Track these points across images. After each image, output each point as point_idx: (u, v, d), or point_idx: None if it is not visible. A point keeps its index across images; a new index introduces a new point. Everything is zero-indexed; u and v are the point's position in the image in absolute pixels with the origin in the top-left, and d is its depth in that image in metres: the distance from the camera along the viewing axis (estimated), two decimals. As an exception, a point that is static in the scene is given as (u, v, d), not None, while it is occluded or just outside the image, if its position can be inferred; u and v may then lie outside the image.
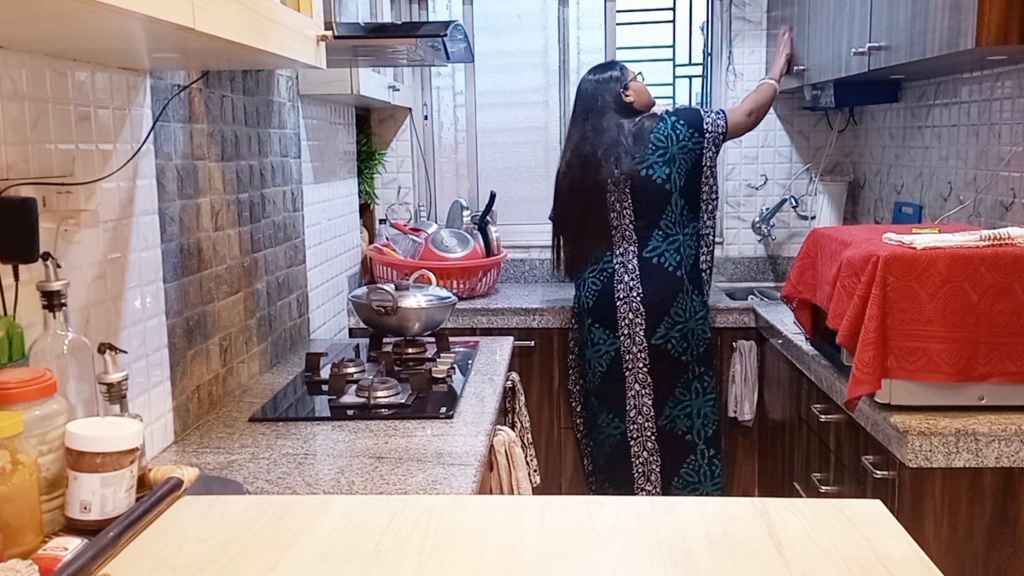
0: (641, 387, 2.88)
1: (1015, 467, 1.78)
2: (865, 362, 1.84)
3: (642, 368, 2.87)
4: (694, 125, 2.88)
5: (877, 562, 1.04)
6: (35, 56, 1.34)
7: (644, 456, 2.90)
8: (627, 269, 2.86)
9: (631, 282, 2.85)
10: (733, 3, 3.59)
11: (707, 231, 2.94)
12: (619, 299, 2.86)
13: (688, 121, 2.88)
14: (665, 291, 2.84)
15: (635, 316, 2.85)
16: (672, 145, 2.84)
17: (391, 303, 2.32)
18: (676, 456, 2.91)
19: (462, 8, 3.76)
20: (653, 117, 2.91)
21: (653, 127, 2.87)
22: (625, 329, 2.86)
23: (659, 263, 2.85)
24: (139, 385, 1.65)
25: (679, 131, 2.85)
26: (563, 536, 1.12)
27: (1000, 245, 1.85)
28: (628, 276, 2.86)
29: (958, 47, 1.93)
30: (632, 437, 2.90)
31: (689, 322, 2.86)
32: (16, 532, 1.07)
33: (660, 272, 2.85)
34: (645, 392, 2.88)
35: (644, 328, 2.85)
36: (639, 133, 2.87)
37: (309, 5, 1.60)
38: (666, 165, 2.84)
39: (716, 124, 2.90)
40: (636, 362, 2.87)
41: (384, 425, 1.84)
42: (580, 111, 2.98)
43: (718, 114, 2.92)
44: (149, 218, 1.70)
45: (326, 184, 2.93)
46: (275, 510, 1.22)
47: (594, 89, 2.96)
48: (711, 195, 2.93)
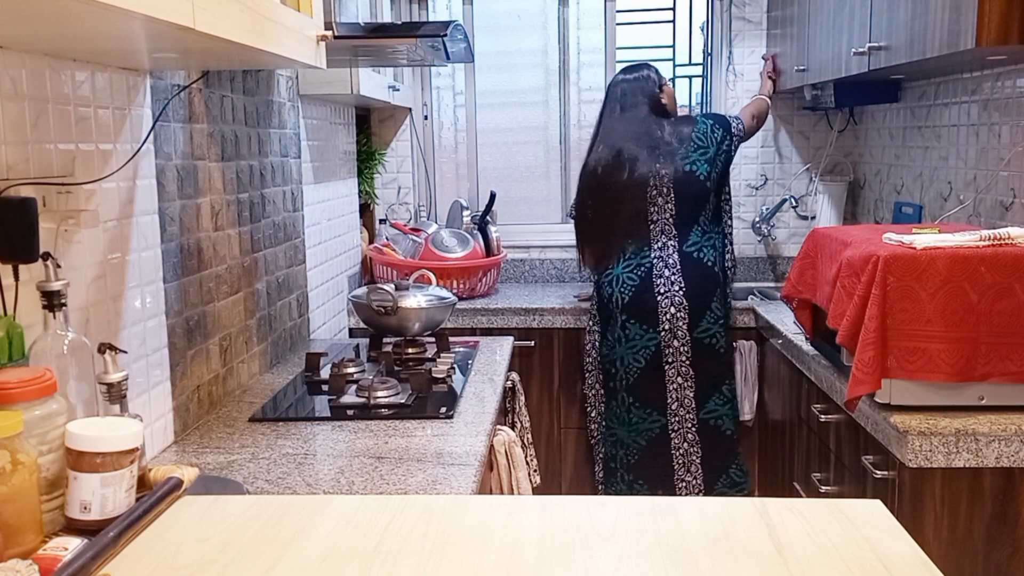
0: (684, 380, 2.89)
1: (1015, 467, 1.78)
2: (865, 362, 1.84)
3: (684, 362, 2.88)
4: (725, 128, 2.99)
5: (877, 562, 1.04)
6: (35, 56, 1.34)
7: (684, 448, 2.91)
8: (667, 264, 2.89)
9: (672, 276, 2.87)
10: (733, 3, 3.59)
11: (729, 230, 3.02)
12: (660, 293, 2.87)
13: (720, 124, 2.99)
14: (706, 285, 2.88)
15: (677, 310, 2.86)
16: (711, 146, 2.93)
17: (391, 303, 2.32)
18: (721, 454, 2.93)
19: (462, 8, 3.76)
20: (690, 120, 3.01)
21: (694, 128, 2.96)
22: (667, 324, 2.87)
23: (699, 258, 2.89)
24: (139, 385, 1.65)
25: (716, 133, 2.95)
26: (563, 536, 1.12)
27: (1000, 245, 1.85)
28: (668, 271, 2.88)
29: (958, 47, 1.93)
30: (673, 429, 2.91)
31: (727, 318, 2.93)
32: (16, 532, 1.07)
33: (701, 267, 2.88)
34: (687, 384, 2.89)
35: (687, 322, 2.86)
36: (681, 131, 2.95)
37: (309, 5, 1.60)
38: (707, 164, 2.91)
39: (739, 128, 3.02)
40: (678, 355, 2.88)
41: (384, 425, 1.84)
42: (614, 108, 3.02)
43: (736, 119, 3.04)
44: (149, 218, 1.70)
45: (326, 184, 2.93)
46: (275, 510, 1.22)
47: (630, 88, 3.02)
48: (729, 196, 3.03)
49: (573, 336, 3.20)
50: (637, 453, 2.96)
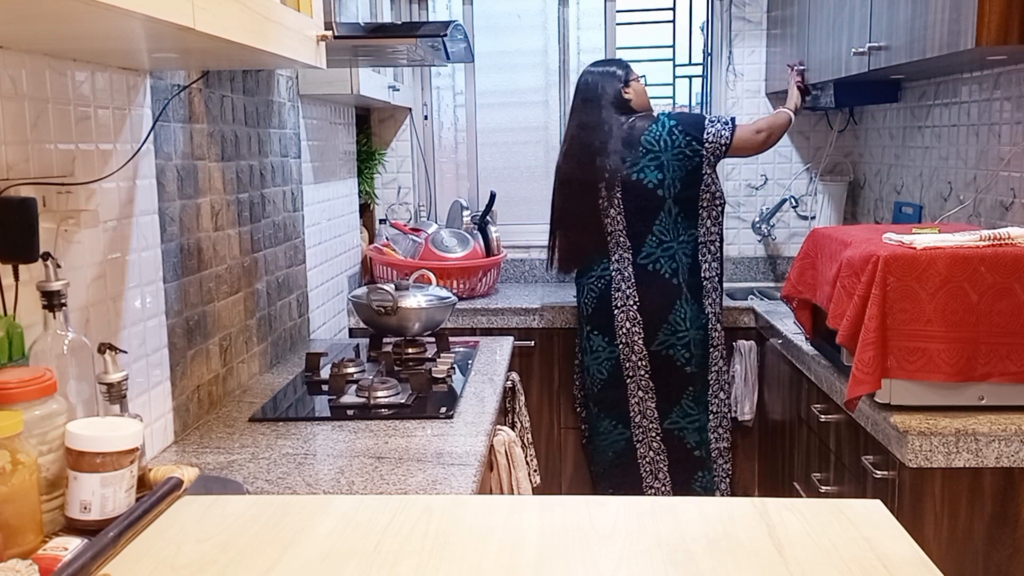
0: (644, 393, 2.86)
1: (1015, 467, 1.78)
2: (865, 362, 1.84)
3: (643, 375, 2.85)
4: (693, 133, 2.79)
5: (877, 562, 1.04)
6: (35, 56, 1.34)
7: (651, 456, 2.89)
8: (623, 276, 2.83)
9: (628, 290, 2.82)
10: (733, 3, 3.59)
11: (710, 238, 2.85)
12: (616, 307, 2.83)
13: (687, 128, 2.79)
14: (662, 299, 2.80)
15: (632, 324, 2.82)
16: (665, 151, 2.76)
17: (391, 303, 2.32)
18: (685, 467, 2.89)
19: (462, 8, 3.76)
20: (647, 118, 2.84)
21: (645, 128, 2.79)
22: (623, 338, 2.84)
23: (654, 270, 2.81)
24: (139, 385, 1.65)
25: (675, 137, 2.77)
26: (563, 536, 1.12)
27: (1000, 245, 1.85)
28: (625, 284, 2.82)
29: (958, 47, 1.93)
30: (637, 440, 2.89)
31: (690, 331, 2.83)
32: (16, 532, 1.07)
33: (656, 279, 2.80)
34: (648, 397, 2.86)
35: (643, 337, 2.82)
36: (630, 133, 2.80)
37: (309, 5, 1.60)
38: (658, 170, 2.76)
39: (719, 135, 2.80)
40: (637, 370, 2.85)
41: (384, 425, 1.84)
42: (578, 102, 2.93)
43: (725, 124, 2.82)
44: (149, 218, 1.70)
45: (326, 184, 2.93)
46: (275, 510, 1.22)
47: (594, 80, 2.90)
48: (713, 202, 2.84)
49: (573, 336, 3.20)
50: (607, 462, 2.97)
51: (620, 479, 2.95)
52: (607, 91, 2.87)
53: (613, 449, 2.93)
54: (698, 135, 2.78)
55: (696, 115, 2.91)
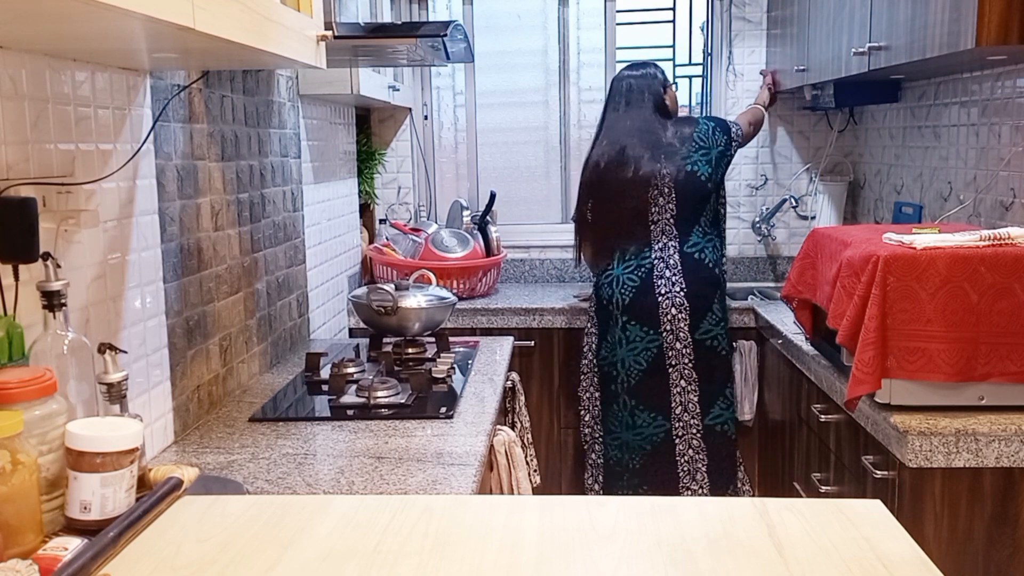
0: (687, 383, 2.86)
1: (1015, 467, 1.78)
2: (865, 362, 1.84)
3: (687, 364, 2.85)
4: (726, 131, 2.98)
5: (877, 562, 1.04)
6: (35, 56, 1.34)
7: (690, 454, 2.87)
8: (668, 264, 2.87)
9: (673, 277, 2.85)
10: (733, 3, 3.59)
11: (725, 233, 3.03)
12: (660, 294, 2.85)
13: (721, 127, 2.97)
14: (707, 287, 2.86)
15: (678, 311, 2.84)
16: (713, 147, 2.92)
17: (391, 303, 2.32)
18: (725, 461, 2.88)
19: (462, 8, 3.76)
20: (692, 121, 2.99)
21: (695, 128, 2.95)
22: (668, 325, 2.84)
23: (700, 259, 2.87)
24: (139, 385, 1.65)
25: (717, 136, 2.95)
26: (563, 536, 1.12)
27: (1000, 245, 1.85)
28: (669, 271, 2.86)
29: (958, 47, 1.93)
30: (677, 435, 2.87)
31: (727, 320, 2.92)
32: (16, 532, 1.07)
33: (702, 267, 2.87)
34: (691, 388, 2.86)
35: (688, 323, 2.84)
36: (682, 131, 2.94)
37: (309, 5, 1.60)
38: (708, 165, 2.90)
39: (739, 133, 3.01)
40: (681, 358, 2.85)
41: (384, 425, 1.84)
42: (618, 103, 3.01)
43: (736, 124, 3.03)
44: (149, 218, 1.70)
45: (326, 184, 2.93)
46: (275, 510, 1.22)
47: (637, 84, 3.00)
48: (725, 199, 3.02)
49: (573, 336, 3.20)
50: (642, 458, 2.92)
51: (656, 476, 2.90)
52: (651, 96, 2.99)
53: (651, 443, 2.88)
54: (730, 135, 2.98)
55: (721, 118, 3.09)
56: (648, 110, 2.97)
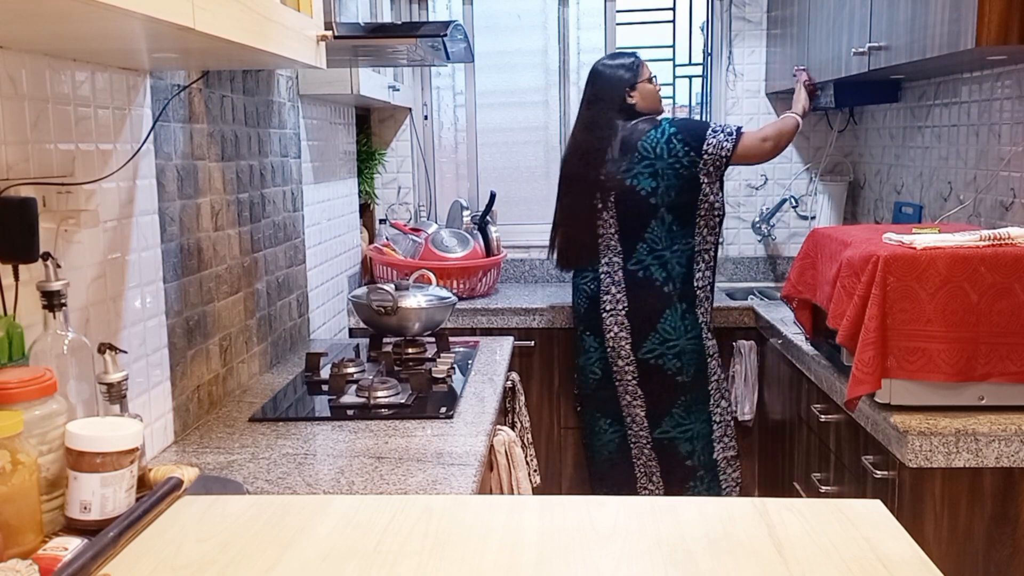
0: (632, 398, 2.82)
1: (1015, 467, 1.78)
2: (865, 362, 1.84)
3: (631, 381, 2.80)
4: (693, 143, 2.69)
5: (877, 562, 1.04)
6: (35, 56, 1.34)
7: (643, 459, 2.88)
8: (613, 280, 2.78)
9: (618, 294, 2.77)
10: (733, 3, 3.59)
11: (705, 247, 2.78)
12: (605, 311, 2.80)
13: (688, 137, 2.70)
14: (652, 306, 2.75)
15: (620, 329, 2.77)
16: (660, 158, 2.69)
17: (391, 303, 2.32)
18: (678, 477, 2.86)
19: (462, 8, 3.76)
20: (649, 122, 2.76)
21: (644, 134, 2.72)
22: (611, 342, 2.80)
23: (645, 277, 2.75)
24: (139, 385, 1.65)
25: (673, 145, 2.69)
26: (563, 536, 1.12)
27: (1000, 245, 1.85)
28: (615, 288, 2.78)
29: (958, 47, 1.93)
30: (631, 441, 2.87)
31: (681, 340, 2.75)
32: (16, 532, 1.07)
33: (647, 286, 2.75)
34: (637, 403, 2.82)
35: (630, 342, 2.77)
36: (628, 138, 2.73)
37: (309, 5, 1.60)
38: (652, 178, 2.69)
39: (720, 146, 2.70)
40: (624, 375, 2.81)
41: (384, 425, 1.84)
42: (586, 97, 2.87)
43: (728, 135, 2.72)
44: (149, 218, 1.70)
45: (326, 184, 2.93)
46: (275, 510, 1.22)
47: (603, 79, 2.83)
48: (712, 212, 2.76)
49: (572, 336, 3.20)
50: (602, 461, 2.95)
51: (617, 479, 2.93)
52: (612, 93, 2.80)
53: (608, 448, 2.91)
54: (698, 145, 2.70)
55: (699, 124, 2.82)
56: (609, 108, 2.79)
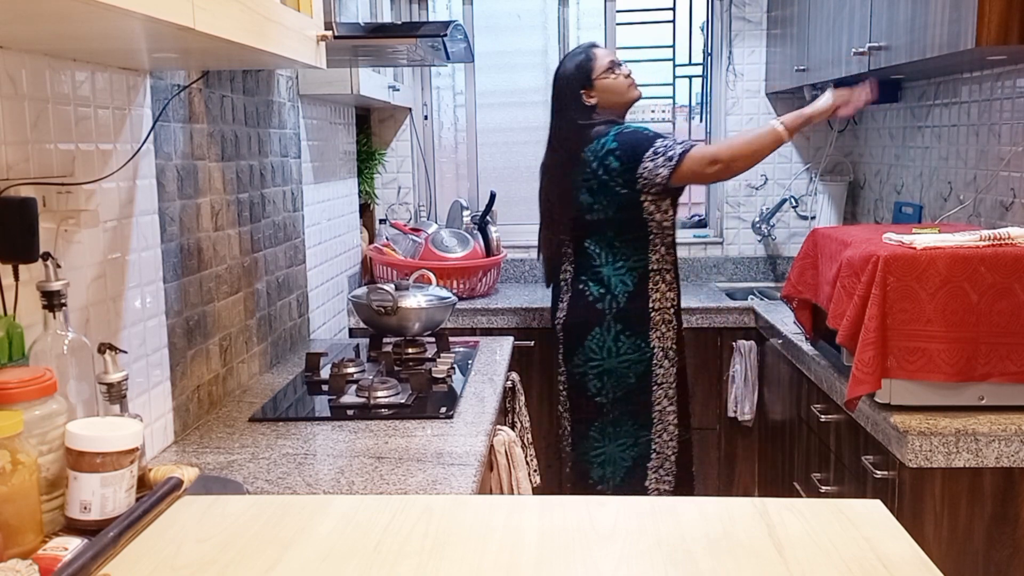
0: (564, 410, 2.75)
1: (1015, 467, 1.78)
2: (865, 362, 1.84)
3: (563, 391, 2.72)
4: (628, 163, 2.45)
5: (877, 562, 1.04)
6: (35, 56, 1.34)
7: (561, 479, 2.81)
8: (563, 290, 2.68)
9: (562, 303, 2.67)
10: (733, 3, 3.59)
11: (664, 267, 2.58)
12: (556, 318, 2.70)
13: (624, 156, 2.45)
14: (583, 322, 2.59)
15: (559, 339, 2.69)
16: (595, 176, 2.49)
17: (391, 303, 2.32)
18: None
19: (462, 8, 3.76)
20: (605, 125, 2.52)
21: (588, 143, 2.49)
22: (557, 348, 2.72)
23: (582, 290, 2.60)
24: (139, 385, 1.65)
25: (609, 162, 2.47)
26: (563, 536, 1.12)
27: (1000, 245, 1.85)
28: (564, 297, 2.67)
29: (958, 47, 1.93)
30: (560, 456, 2.82)
31: (608, 361, 2.57)
32: (16, 532, 1.07)
33: (582, 301, 2.59)
34: (565, 416, 2.74)
35: (563, 353, 2.67)
36: (577, 145, 2.52)
37: (309, 5, 1.60)
38: (589, 193, 2.51)
39: (656, 172, 2.44)
40: (557, 384, 2.75)
41: (384, 425, 1.84)
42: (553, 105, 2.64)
43: (668, 159, 2.43)
44: (149, 218, 1.70)
45: (326, 184, 2.93)
46: (275, 510, 1.22)
47: (557, 85, 2.61)
48: (662, 232, 2.55)
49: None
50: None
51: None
52: (568, 99, 2.57)
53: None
54: (632, 166, 2.45)
55: (641, 142, 2.47)
56: (569, 115, 2.56)
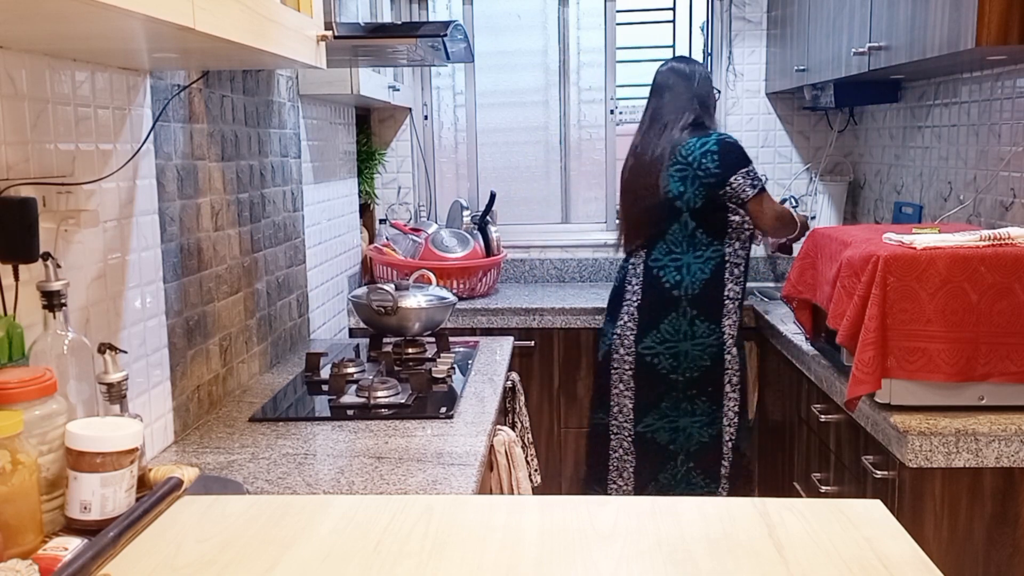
0: (625, 387, 2.87)
1: (1015, 467, 1.78)
2: (865, 362, 1.84)
3: (627, 371, 2.85)
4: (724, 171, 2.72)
5: (877, 562, 1.04)
6: (35, 56, 1.34)
7: (620, 453, 2.91)
8: (636, 273, 2.86)
9: (636, 287, 2.84)
10: (733, 3, 3.59)
11: (736, 260, 2.80)
12: (625, 300, 2.87)
13: (723, 163, 2.73)
14: (659, 306, 2.80)
15: (629, 320, 2.84)
16: (690, 168, 2.74)
17: (391, 303, 2.32)
18: (653, 461, 2.88)
19: (462, 8, 3.76)
20: (701, 128, 2.81)
21: (688, 139, 2.76)
22: (619, 330, 2.86)
23: (658, 276, 2.81)
24: (139, 385, 1.65)
25: (705, 162, 2.73)
26: (563, 536, 1.12)
27: (1000, 245, 1.85)
28: (636, 281, 2.85)
29: (958, 47, 1.93)
30: (612, 432, 2.91)
31: (682, 343, 2.78)
32: (16, 532, 1.07)
33: (658, 285, 2.81)
34: (627, 394, 2.86)
35: (635, 334, 2.83)
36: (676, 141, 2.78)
37: (309, 5, 1.60)
38: (682, 183, 2.75)
39: (741, 189, 2.73)
40: (623, 363, 2.86)
41: (384, 425, 1.84)
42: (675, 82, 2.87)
43: (754, 185, 2.74)
44: (149, 218, 1.70)
45: (326, 184, 2.93)
46: (275, 510, 1.22)
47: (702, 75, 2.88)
48: (742, 226, 2.79)
49: (573, 336, 3.20)
50: (588, 444, 3.03)
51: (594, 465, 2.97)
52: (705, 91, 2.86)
53: (594, 432, 2.97)
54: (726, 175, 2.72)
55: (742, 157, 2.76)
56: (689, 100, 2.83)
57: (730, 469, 2.88)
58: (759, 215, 2.78)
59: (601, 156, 3.80)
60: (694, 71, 2.89)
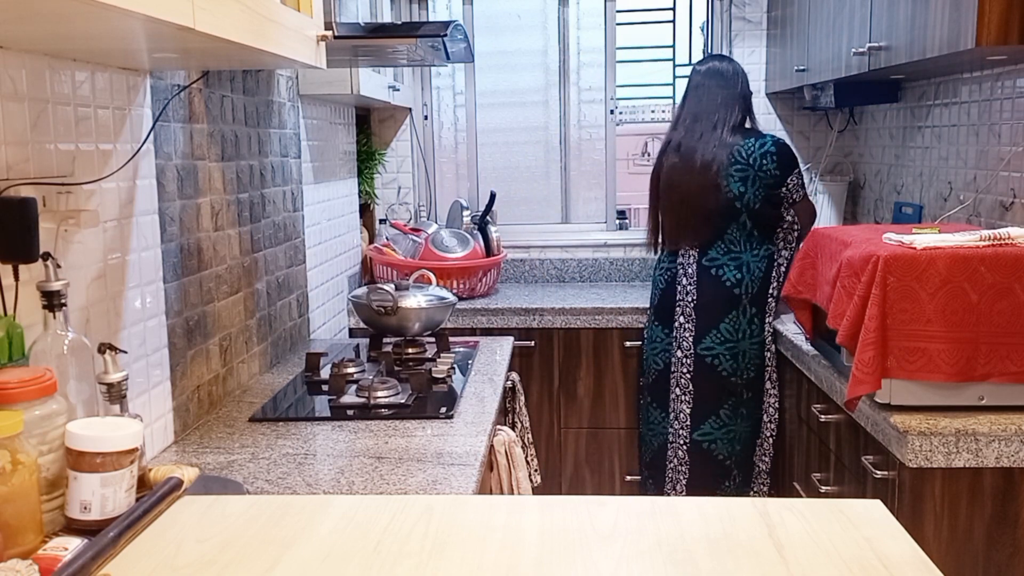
0: (682, 392, 2.87)
1: (1015, 467, 1.78)
2: (865, 362, 1.84)
3: (685, 374, 2.85)
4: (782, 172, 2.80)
5: (877, 562, 1.04)
6: (35, 56, 1.34)
7: (675, 463, 2.90)
8: (687, 273, 2.86)
9: (689, 286, 2.85)
10: (733, 3, 3.59)
11: (780, 259, 2.86)
12: (677, 302, 2.87)
13: (781, 164, 2.80)
14: (719, 304, 2.81)
15: (686, 320, 2.84)
16: (751, 168, 2.78)
17: (391, 303, 2.32)
18: (709, 477, 2.87)
19: (462, 8, 3.76)
20: (753, 132, 2.85)
21: (743, 141, 2.80)
22: (675, 332, 2.86)
23: (716, 275, 2.82)
24: (139, 385, 1.65)
25: (765, 163, 2.78)
26: (563, 536, 1.12)
27: (1000, 245, 1.85)
28: (687, 280, 2.86)
29: (958, 47, 1.93)
30: (670, 441, 2.91)
31: (742, 342, 2.81)
32: (16, 532, 1.07)
33: (716, 284, 2.82)
34: (684, 399, 2.86)
35: (693, 335, 2.84)
36: (732, 137, 2.81)
37: (309, 5, 1.60)
38: (743, 183, 2.78)
39: (795, 189, 2.83)
40: (680, 367, 2.86)
41: (384, 425, 1.84)
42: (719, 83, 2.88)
43: (802, 184, 2.85)
44: (149, 218, 1.70)
45: (326, 184, 2.93)
46: (275, 510, 1.22)
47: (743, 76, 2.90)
48: (793, 225, 2.86)
49: (573, 336, 3.20)
50: (650, 454, 3.00)
51: (655, 475, 2.97)
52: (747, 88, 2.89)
53: (656, 442, 2.96)
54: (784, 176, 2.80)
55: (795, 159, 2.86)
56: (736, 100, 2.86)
57: (771, 466, 2.90)
58: (803, 213, 2.87)
59: (601, 156, 3.80)
60: (736, 70, 2.90)
